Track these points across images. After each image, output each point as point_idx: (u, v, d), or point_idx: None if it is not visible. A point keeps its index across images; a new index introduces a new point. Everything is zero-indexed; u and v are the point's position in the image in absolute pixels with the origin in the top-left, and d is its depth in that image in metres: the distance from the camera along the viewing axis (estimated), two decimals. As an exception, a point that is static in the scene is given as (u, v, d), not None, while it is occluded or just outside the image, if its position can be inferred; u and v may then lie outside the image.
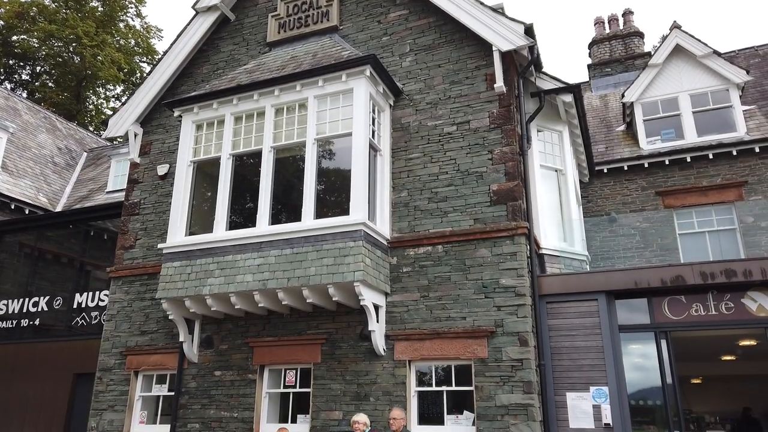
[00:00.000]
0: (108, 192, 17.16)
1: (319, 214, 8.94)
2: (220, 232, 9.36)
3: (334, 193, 9.34)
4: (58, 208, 17.11)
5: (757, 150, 12.35)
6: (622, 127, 14.81)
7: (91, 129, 28.49)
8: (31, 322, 13.71)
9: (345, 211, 8.73)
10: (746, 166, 12.49)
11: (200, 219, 9.92)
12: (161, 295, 9.36)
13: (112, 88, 33.57)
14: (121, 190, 15.35)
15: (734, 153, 12.52)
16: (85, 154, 20.97)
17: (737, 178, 12.44)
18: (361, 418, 7.71)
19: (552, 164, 10.70)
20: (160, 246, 9.84)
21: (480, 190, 9.00)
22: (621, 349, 8.18)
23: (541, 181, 10.23)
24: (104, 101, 33.90)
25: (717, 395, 12.89)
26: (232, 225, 9.53)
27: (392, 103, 9.92)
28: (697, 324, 8.01)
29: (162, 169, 11.27)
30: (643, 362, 8.24)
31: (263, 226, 9.07)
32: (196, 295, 9.09)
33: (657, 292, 8.23)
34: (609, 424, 7.71)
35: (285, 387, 9.37)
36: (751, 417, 11.34)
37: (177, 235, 9.66)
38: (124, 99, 22.62)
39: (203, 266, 9.17)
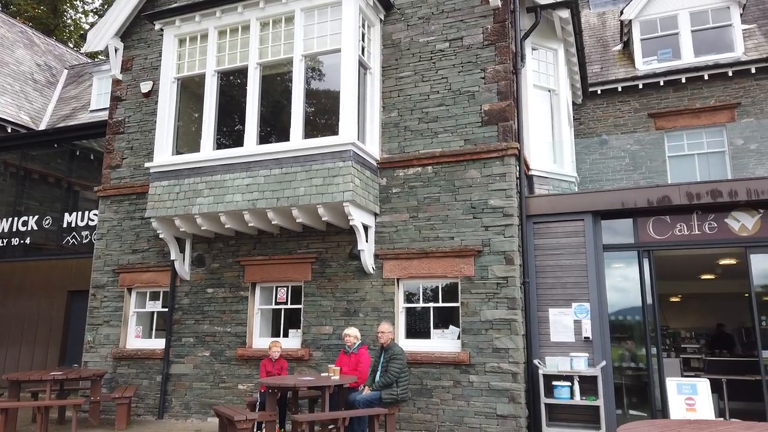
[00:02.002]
0: (92, 111, 16.73)
1: (309, 134, 8.83)
2: (208, 151, 9.25)
3: (324, 115, 9.17)
4: (41, 127, 16.71)
5: (753, 71, 12.13)
6: (619, 47, 14.43)
7: (70, 45, 27.35)
8: (21, 241, 13.78)
9: (334, 132, 8.61)
10: (741, 88, 12.32)
11: (187, 138, 9.77)
12: (150, 214, 9.37)
13: (90, 1, 31.97)
14: (104, 109, 14.95)
15: (730, 74, 12.30)
16: (65, 71, 20.25)
17: (731, 100, 12.30)
18: (352, 332, 7.99)
19: (545, 84, 10.48)
20: (147, 165, 9.74)
21: (471, 110, 8.87)
22: (604, 267, 8.40)
23: (533, 101, 10.06)
24: (82, 15, 32.38)
25: (694, 312, 13.43)
26: (220, 145, 9.42)
27: (383, 18, 9.54)
28: (680, 243, 8.18)
29: (145, 86, 10.95)
30: (625, 282, 8.48)
31: (251, 146, 8.95)
32: (185, 215, 9.10)
33: (643, 212, 8.34)
34: (588, 337, 8.04)
35: (276, 304, 9.62)
36: (725, 332, 11.91)
37: (164, 154, 9.54)
38: (103, 12, 21.58)
39: (192, 186, 9.12)
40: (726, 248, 8.41)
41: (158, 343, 10.05)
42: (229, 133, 9.54)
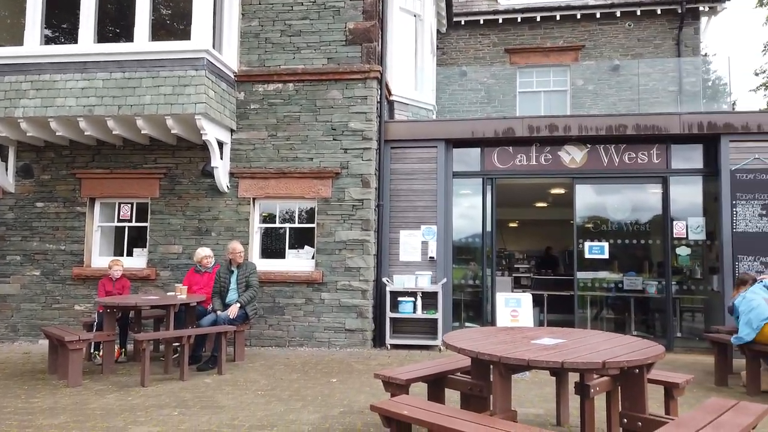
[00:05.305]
0: None
1: (158, 38, 8.00)
2: (33, 45, 8.06)
3: (182, 20, 8.30)
4: None
5: (598, 15, 13.07)
6: (485, -21, 14.67)
7: None
8: None
9: (186, 36, 7.90)
10: (586, 31, 13.27)
11: (9, 30, 8.46)
12: (-40, 115, 8.07)
13: None
14: None
15: (578, 16, 13.15)
16: None
17: (577, 42, 13.24)
18: (208, 252, 7.75)
19: (411, 8, 10.44)
20: (-47, 56, 8.27)
21: (336, 27, 8.62)
22: (452, 193, 8.90)
23: (398, 24, 10.00)
24: None
25: (528, 236, 14.89)
26: (50, 40, 8.25)
27: None
28: (520, 173, 8.87)
29: (-51, -40, 9.09)
30: (471, 208, 9.07)
31: (87, 44, 7.95)
32: (6, 118, 7.97)
33: (490, 142, 8.87)
34: (433, 257, 8.59)
35: (119, 221, 8.97)
36: (552, 255, 13.39)
37: (-24, 45, 8.15)
38: None
39: (14, 85, 7.96)
40: (557, 178, 9.29)
41: (-23, 262, 8.98)
42: (62, 28, 8.36)
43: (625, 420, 3.51)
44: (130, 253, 8.94)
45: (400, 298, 8.32)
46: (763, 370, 5.84)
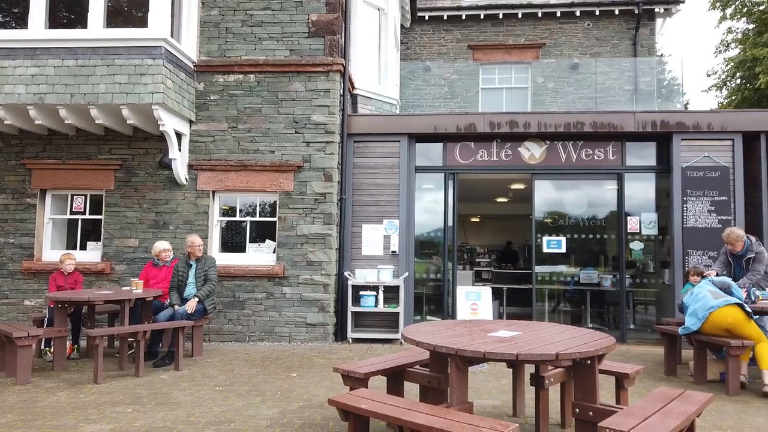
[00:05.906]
0: None
1: (114, 25, 7.76)
2: (-21, 30, 7.70)
3: (139, 8, 8.05)
4: None
5: (558, 14, 13.32)
6: (449, -25, 14.74)
7: None
8: None
9: (143, 24, 7.69)
10: (547, 29, 13.50)
11: (-49, 11, 8.01)
12: None
13: None
14: None
15: (539, 15, 13.37)
16: None
17: (538, 40, 13.46)
18: (166, 245, 7.59)
19: (375, 2, 10.40)
20: None
21: (299, 19, 8.53)
22: (415, 187, 8.94)
23: (362, 18, 9.96)
24: None
25: (489, 231, 15.11)
26: (-2, 24, 7.91)
27: None
28: (481, 168, 8.98)
29: None
30: (434, 205, 9.13)
31: (38, 29, 7.65)
32: (-50, 105, 7.61)
33: (452, 137, 8.94)
34: (395, 251, 8.62)
35: (72, 213, 8.69)
36: (512, 249, 13.63)
37: None
38: None
39: (-42, 70, 7.59)
40: (517, 174, 9.45)
41: None
42: (12, 13, 8.03)
43: (578, 410, 3.60)
44: (83, 247, 8.67)
45: (362, 292, 8.32)
46: (709, 360, 6.08)
